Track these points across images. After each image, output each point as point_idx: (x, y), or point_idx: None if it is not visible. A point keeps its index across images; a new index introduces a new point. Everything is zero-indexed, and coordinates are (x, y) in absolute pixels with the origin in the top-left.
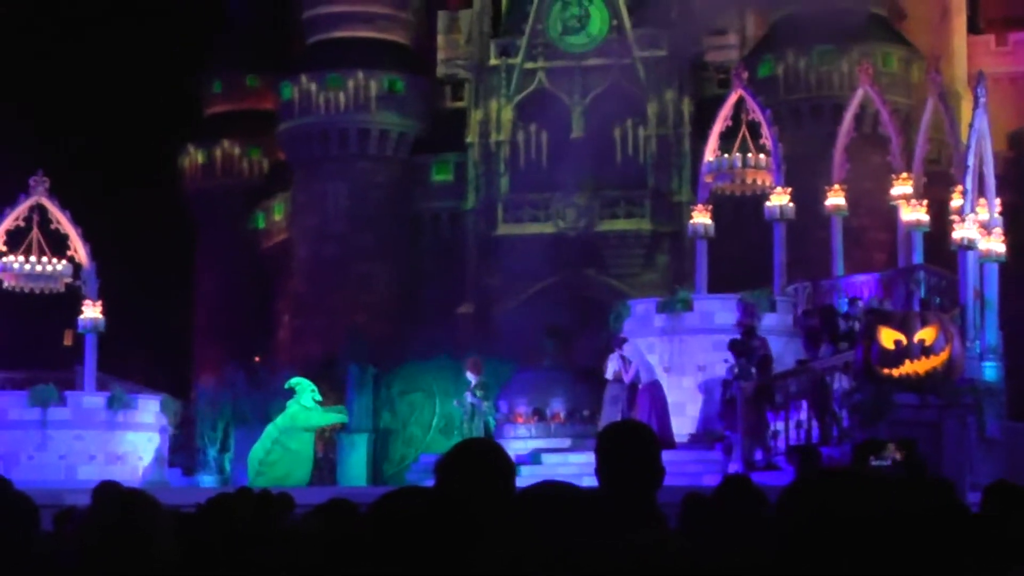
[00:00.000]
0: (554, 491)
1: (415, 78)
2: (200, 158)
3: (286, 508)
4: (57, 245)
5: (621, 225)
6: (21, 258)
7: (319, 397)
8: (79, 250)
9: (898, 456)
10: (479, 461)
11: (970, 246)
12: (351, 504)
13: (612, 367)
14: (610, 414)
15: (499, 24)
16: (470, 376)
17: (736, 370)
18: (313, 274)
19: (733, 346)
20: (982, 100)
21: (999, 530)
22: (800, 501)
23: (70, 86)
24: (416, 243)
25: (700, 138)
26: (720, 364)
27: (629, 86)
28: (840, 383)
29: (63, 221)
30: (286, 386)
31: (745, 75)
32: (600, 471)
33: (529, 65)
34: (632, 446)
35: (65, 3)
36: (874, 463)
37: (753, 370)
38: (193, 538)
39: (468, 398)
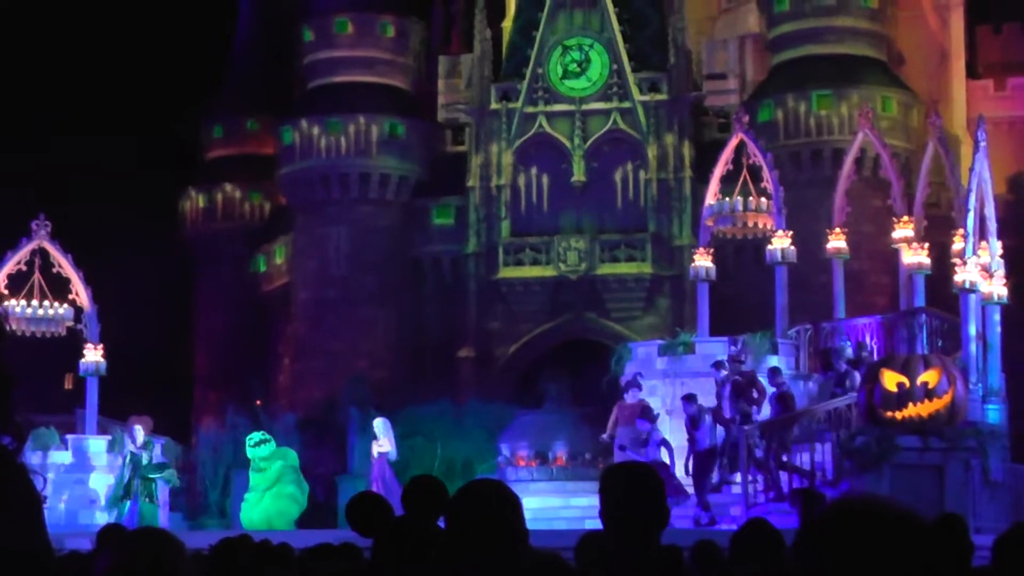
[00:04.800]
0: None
1: (416, 122)
2: (201, 202)
3: (286, 555)
4: (59, 288)
5: (622, 268)
6: (23, 302)
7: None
8: (81, 294)
9: None
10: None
11: (972, 289)
12: (356, 547)
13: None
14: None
15: (500, 69)
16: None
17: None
18: (314, 318)
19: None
20: (983, 144)
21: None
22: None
23: (72, 129)
24: (417, 287)
25: (700, 182)
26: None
27: (629, 130)
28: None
29: (65, 265)
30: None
31: (746, 119)
32: (604, 513)
33: (530, 109)
34: (636, 487)
35: (69, 45)
36: None
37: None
38: None
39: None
